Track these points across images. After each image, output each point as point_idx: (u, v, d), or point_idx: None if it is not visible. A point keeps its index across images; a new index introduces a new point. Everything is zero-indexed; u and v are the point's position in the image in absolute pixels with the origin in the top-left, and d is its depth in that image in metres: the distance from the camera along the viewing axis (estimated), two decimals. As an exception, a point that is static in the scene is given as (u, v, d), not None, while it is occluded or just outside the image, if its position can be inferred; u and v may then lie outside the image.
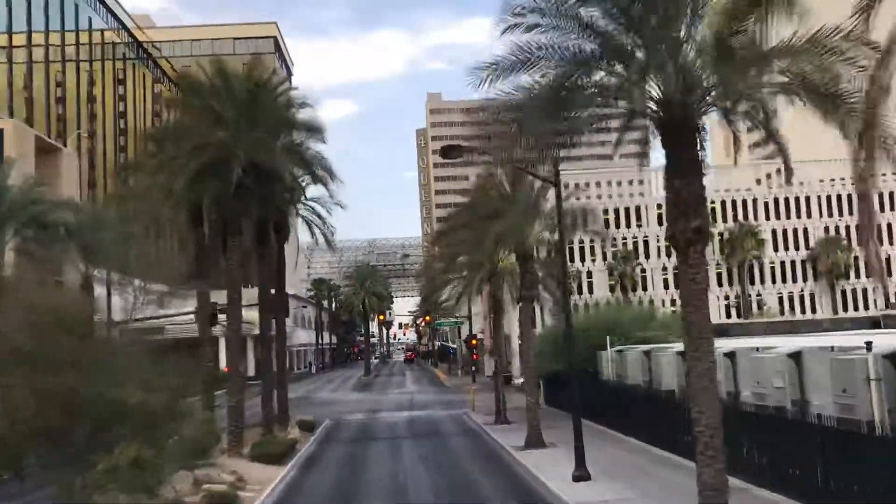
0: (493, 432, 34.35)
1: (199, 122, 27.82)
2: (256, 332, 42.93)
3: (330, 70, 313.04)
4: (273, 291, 40.88)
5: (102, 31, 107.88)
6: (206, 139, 26.73)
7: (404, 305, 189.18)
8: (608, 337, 35.57)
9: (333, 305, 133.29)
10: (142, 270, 35.03)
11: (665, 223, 13.76)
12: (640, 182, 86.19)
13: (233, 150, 26.23)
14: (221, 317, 35.28)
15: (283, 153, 28.46)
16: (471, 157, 20.88)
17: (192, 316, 36.59)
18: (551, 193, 30.79)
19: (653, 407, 27.54)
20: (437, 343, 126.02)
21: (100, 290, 39.20)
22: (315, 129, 30.20)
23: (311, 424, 37.61)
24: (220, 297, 41.37)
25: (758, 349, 22.82)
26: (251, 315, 38.91)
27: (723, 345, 26.53)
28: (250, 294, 41.41)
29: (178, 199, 29.01)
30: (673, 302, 75.97)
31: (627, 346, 35.53)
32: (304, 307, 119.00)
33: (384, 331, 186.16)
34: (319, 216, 39.90)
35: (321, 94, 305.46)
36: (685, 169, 13.09)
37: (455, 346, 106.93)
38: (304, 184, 39.15)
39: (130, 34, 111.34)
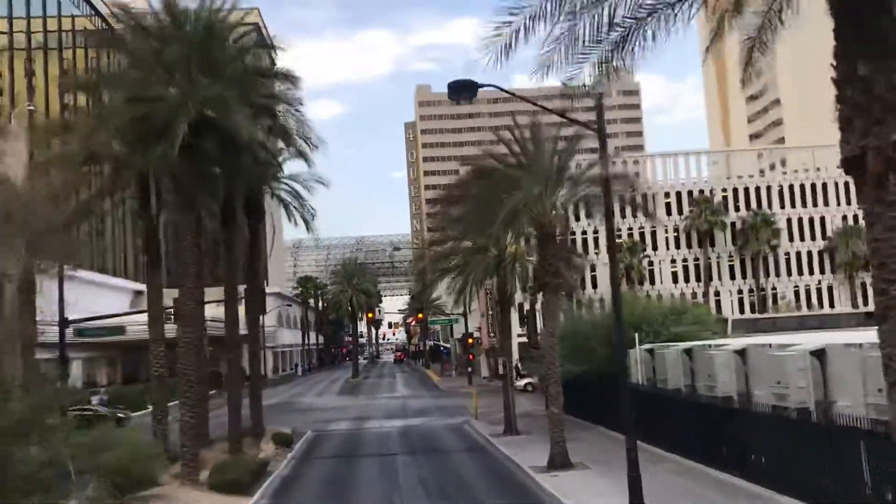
0: (504, 447, 29.02)
1: (140, 68, 22.37)
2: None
3: (316, 70, 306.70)
4: (245, 285, 35.58)
5: (73, 17, 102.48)
6: (144, 88, 21.38)
7: (394, 304, 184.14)
8: (636, 334, 30.42)
9: (320, 304, 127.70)
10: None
11: (841, 138, 8.38)
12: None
13: (179, 101, 20.90)
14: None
15: (248, 108, 23.03)
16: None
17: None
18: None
19: (706, 417, 22.28)
20: (430, 342, 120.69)
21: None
22: (289, 78, 24.64)
23: (288, 438, 32.21)
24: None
25: (861, 345, 17.53)
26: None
27: (801, 340, 21.41)
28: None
29: (117, 168, 23.65)
30: (682, 296, 70.95)
31: (658, 343, 30.44)
32: (289, 306, 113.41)
33: (373, 330, 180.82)
34: (298, 195, 34.50)
35: (307, 95, 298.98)
36: (878, 47, 7.80)
37: (448, 345, 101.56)
38: (281, 159, 34.04)
39: (104, 20, 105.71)
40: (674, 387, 26.86)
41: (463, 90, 17.04)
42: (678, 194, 74.07)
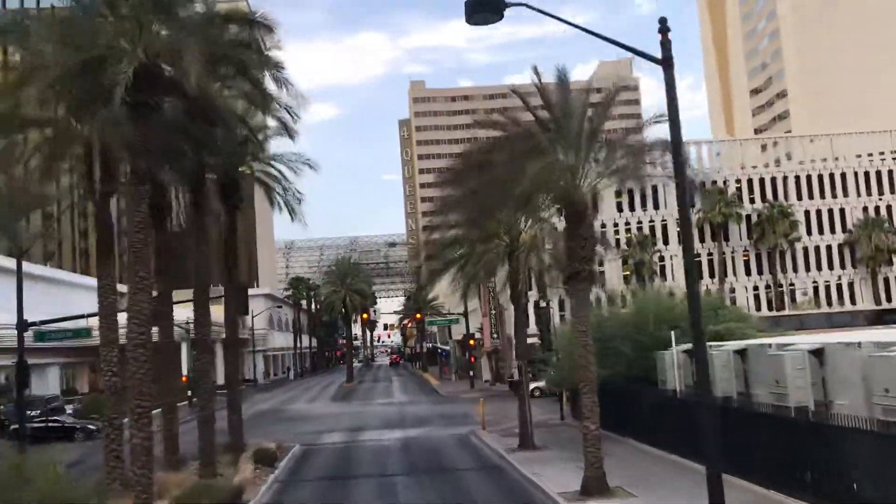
0: (521, 465, 24.78)
1: (79, 8, 18.23)
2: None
3: (309, 73, 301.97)
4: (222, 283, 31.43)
5: (53, 7, 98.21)
6: (82, 32, 17.25)
7: (388, 306, 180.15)
8: (672, 333, 26.28)
9: (313, 306, 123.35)
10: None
11: None
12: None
13: (122, 45, 16.76)
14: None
15: (214, 61, 18.91)
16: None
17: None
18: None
19: (783, 434, 18.06)
20: (426, 344, 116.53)
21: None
22: (266, 27, 20.38)
23: (272, 455, 27.93)
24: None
25: None
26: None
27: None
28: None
29: (56, 134, 19.48)
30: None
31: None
32: (280, 307, 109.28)
33: (367, 332, 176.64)
34: (282, 178, 30.35)
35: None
36: None
37: (447, 347, 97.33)
38: (262, 137, 29.99)
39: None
40: (723, 394, 22.65)
41: (482, 8, 12.84)
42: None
